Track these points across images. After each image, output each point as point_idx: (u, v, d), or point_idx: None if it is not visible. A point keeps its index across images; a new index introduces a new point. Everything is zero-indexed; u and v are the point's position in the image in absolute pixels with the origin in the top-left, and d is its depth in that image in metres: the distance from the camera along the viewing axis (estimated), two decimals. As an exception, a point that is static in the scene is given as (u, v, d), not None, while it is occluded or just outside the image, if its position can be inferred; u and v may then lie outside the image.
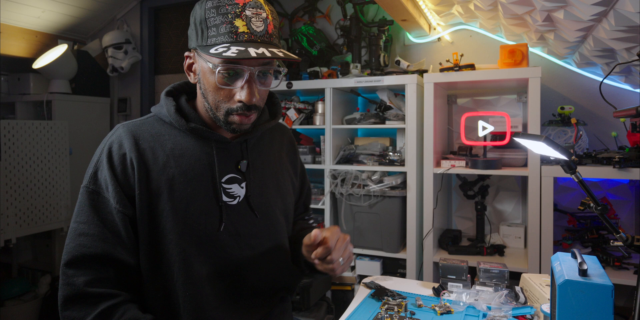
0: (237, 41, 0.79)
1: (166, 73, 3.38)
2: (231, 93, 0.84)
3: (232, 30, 0.79)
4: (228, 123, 0.87)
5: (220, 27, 0.80)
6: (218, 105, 0.86)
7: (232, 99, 0.85)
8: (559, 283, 0.74)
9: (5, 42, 2.96)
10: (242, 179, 0.95)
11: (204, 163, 0.90)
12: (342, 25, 2.54)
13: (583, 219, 1.97)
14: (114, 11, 3.34)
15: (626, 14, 1.30)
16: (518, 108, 2.28)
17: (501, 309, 1.04)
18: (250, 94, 0.83)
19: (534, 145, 1.00)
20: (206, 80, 0.85)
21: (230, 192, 0.93)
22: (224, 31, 0.79)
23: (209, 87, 0.85)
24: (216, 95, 0.85)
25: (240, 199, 0.94)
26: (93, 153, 0.93)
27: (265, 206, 0.98)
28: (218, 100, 0.86)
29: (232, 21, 0.79)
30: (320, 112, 2.33)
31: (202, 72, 0.86)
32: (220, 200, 0.90)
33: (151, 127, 0.91)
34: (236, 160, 0.95)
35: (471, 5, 2.00)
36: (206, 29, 0.81)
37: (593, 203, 0.91)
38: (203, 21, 0.82)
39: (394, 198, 2.09)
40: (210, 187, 0.90)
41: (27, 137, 2.43)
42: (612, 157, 1.70)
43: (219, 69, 0.81)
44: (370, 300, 1.16)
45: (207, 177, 0.90)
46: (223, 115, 0.87)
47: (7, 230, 2.29)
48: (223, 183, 0.92)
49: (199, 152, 0.91)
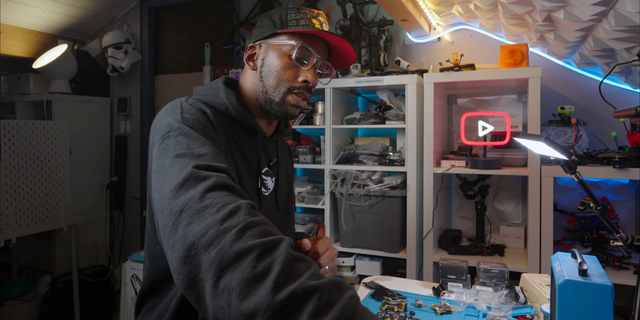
0: (318, 30, 0.93)
1: (166, 73, 3.38)
2: (297, 74, 0.93)
3: (310, 24, 0.93)
4: (283, 104, 0.93)
5: (300, 20, 0.93)
6: (279, 84, 0.93)
7: (296, 79, 0.93)
8: (559, 283, 0.74)
9: (5, 42, 2.96)
10: (272, 173, 1.02)
11: (251, 153, 0.96)
12: (342, 25, 2.54)
13: (583, 219, 1.97)
14: (114, 11, 3.34)
15: (626, 14, 1.30)
16: (518, 108, 2.28)
17: (501, 309, 1.04)
18: (315, 76, 0.94)
19: (534, 145, 1.00)
20: (275, 62, 0.93)
21: (265, 183, 1.00)
22: (303, 24, 0.93)
23: (277, 67, 0.93)
24: (282, 74, 0.93)
25: (270, 192, 1.01)
26: (93, 153, 0.92)
27: (285, 202, 1.07)
28: (282, 79, 0.93)
29: (310, 19, 0.94)
30: (320, 112, 2.33)
31: (271, 56, 0.94)
32: (259, 189, 0.97)
33: (206, 109, 0.88)
34: (269, 157, 1.02)
35: (471, 5, 2.00)
36: (286, 21, 0.93)
37: (593, 203, 0.91)
38: (283, 16, 0.94)
39: (394, 198, 2.09)
40: (254, 176, 0.96)
41: (27, 137, 2.43)
42: (612, 157, 1.70)
43: (299, 46, 0.91)
44: (370, 300, 1.16)
45: (253, 166, 0.96)
46: (282, 94, 0.93)
47: (7, 230, 2.29)
48: (262, 174, 0.99)
49: (247, 143, 0.96)
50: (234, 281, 0.52)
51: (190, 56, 3.27)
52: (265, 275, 0.51)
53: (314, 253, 0.83)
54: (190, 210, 0.60)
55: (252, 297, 0.50)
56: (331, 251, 0.88)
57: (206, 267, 0.54)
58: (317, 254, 0.83)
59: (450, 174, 2.31)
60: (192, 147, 0.72)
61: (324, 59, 0.96)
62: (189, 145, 0.72)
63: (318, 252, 0.83)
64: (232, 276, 0.52)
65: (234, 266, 0.53)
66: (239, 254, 0.54)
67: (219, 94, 0.94)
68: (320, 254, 0.84)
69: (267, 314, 0.48)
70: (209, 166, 0.68)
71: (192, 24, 3.26)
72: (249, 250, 0.54)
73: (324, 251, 0.85)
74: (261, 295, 0.49)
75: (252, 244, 0.54)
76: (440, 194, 2.09)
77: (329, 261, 0.86)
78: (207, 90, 0.96)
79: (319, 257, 0.83)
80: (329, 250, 0.88)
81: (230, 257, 0.54)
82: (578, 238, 1.96)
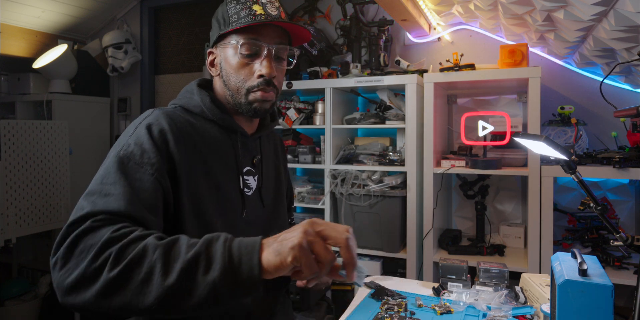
0: (256, 20, 0.89)
1: (166, 73, 3.38)
2: (251, 71, 0.92)
3: (250, 13, 0.90)
4: (249, 103, 0.93)
5: (240, 12, 0.90)
6: (239, 86, 0.93)
7: (252, 76, 0.92)
8: (559, 283, 0.74)
9: (5, 42, 2.96)
10: (255, 172, 1.02)
11: (229, 154, 0.96)
12: (342, 25, 2.54)
13: (583, 219, 1.97)
14: (114, 11, 3.34)
15: (626, 14, 1.30)
16: (518, 108, 2.28)
17: (501, 308, 1.04)
18: (269, 67, 0.91)
19: (534, 145, 1.00)
20: (228, 64, 0.93)
21: (247, 183, 0.99)
22: (244, 15, 0.90)
23: (231, 69, 0.93)
24: (238, 75, 0.92)
25: (253, 191, 1.01)
26: (93, 153, 0.93)
27: (271, 199, 1.06)
28: (239, 81, 0.92)
29: (250, 6, 0.90)
30: (320, 112, 2.33)
31: (225, 59, 0.94)
32: (242, 189, 0.97)
33: (182, 115, 0.92)
34: (252, 155, 1.02)
35: (471, 5, 2.00)
36: (227, 17, 0.91)
37: (593, 203, 0.91)
38: (224, 12, 0.92)
39: (394, 198, 2.09)
40: (235, 176, 0.96)
41: (27, 137, 2.43)
42: (612, 157, 1.70)
43: (241, 43, 0.90)
44: (370, 300, 1.16)
45: (233, 167, 0.96)
46: (244, 95, 0.93)
47: (7, 230, 2.29)
48: (244, 174, 0.98)
49: (225, 144, 0.95)
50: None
51: (190, 56, 3.27)
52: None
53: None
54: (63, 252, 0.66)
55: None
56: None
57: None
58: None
59: (450, 174, 2.31)
60: (105, 182, 0.75)
61: (278, 42, 0.93)
62: (104, 179, 0.76)
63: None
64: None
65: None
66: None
67: (193, 96, 0.95)
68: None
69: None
70: (102, 212, 0.70)
71: (192, 24, 3.26)
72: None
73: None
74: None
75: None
76: (440, 194, 2.09)
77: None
78: (183, 93, 0.99)
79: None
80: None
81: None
82: (578, 238, 1.96)
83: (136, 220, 0.73)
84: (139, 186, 0.76)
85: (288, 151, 2.39)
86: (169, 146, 0.83)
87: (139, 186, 0.76)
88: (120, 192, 0.73)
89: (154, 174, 0.78)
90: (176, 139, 0.85)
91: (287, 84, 2.31)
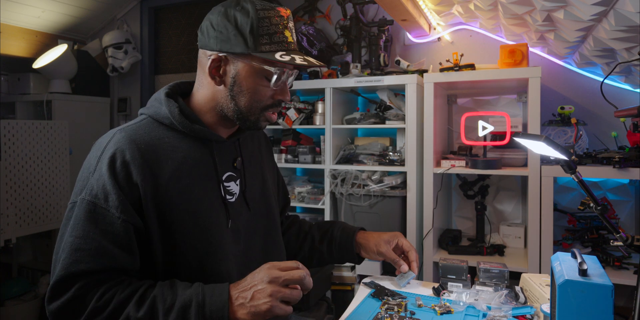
0: (287, 49, 0.88)
1: (166, 73, 3.38)
2: (271, 93, 0.92)
3: (283, 39, 0.88)
4: (258, 121, 0.93)
5: (274, 36, 0.87)
6: (253, 106, 0.91)
7: (270, 97, 0.92)
8: (559, 283, 0.74)
9: (5, 42, 2.96)
10: (236, 176, 0.99)
11: (205, 163, 0.92)
12: (342, 25, 2.54)
13: (583, 219, 1.97)
14: (114, 11, 3.34)
15: (626, 14, 1.30)
16: (518, 108, 2.28)
17: (501, 308, 1.04)
18: (287, 91, 0.94)
19: (534, 145, 1.00)
20: (246, 83, 0.89)
21: (229, 189, 0.97)
22: (277, 40, 0.87)
23: (249, 89, 0.90)
24: (256, 95, 0.90)
25: (237, 196, 0.98)
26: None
27: (258, 201, 1.03)
28: (255, 100, 0.91)
29: (283, 31, 0.88)
30: (320, 112, 2.33)
31: (243, 76, 0.89)
32: (224, 198, 0.94)
33: (149, 130, 0.89)
34: (232, 158, 0.99)
35: (471, 5, 2.00)
36: (258, 36, 0.85)
37: (593, 203, 0.91)
38: (254, 28, 0.85)
39: (394, 198, 2.09)
40: (214, 186, 0.93)
41: (27, 137, 2.43)
42: (612, 157, 1.70)
43: (278, 73, 0.89)
44: (370, 300, 1.16)
45: (211, 176, 0.93)
46: (257, 112, 0.92)
47: (7, 230, 2.29)
48: (223, 181, 0.95)
49: (200, 153, 0.92)
50: None
51: (190, 56, 3.27)
52: None
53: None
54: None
55: None
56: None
57: None
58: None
59: (450, 174, 2.31)
60: (75, 235, 0.80)
61: (294, 67, 0.93)
62: (73, 230, 0.80)
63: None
64: None
65: None
66: None
67: (161, 107, 0.91)
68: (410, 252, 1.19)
69: None
70: (77, 277, 0.79)
71: (192, 24, 3.26)
72: None
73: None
74: None
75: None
76: (440, 194, 2.09)
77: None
78: (152, 102, 0.94)
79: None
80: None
81: None
82: (578, 238, 1.96)
83: (115, 269, 0.81)
84: (111, 231, 0.81)
85: (288, 151, 2.39)
86: (131, 178, 0.83)
87: (111, 231, 0.81)
88: (92, 247, 0.79)
89: (120, 217, 0.81)
90: (139, 168, 0.83)
91: (287, 84, 2.31)
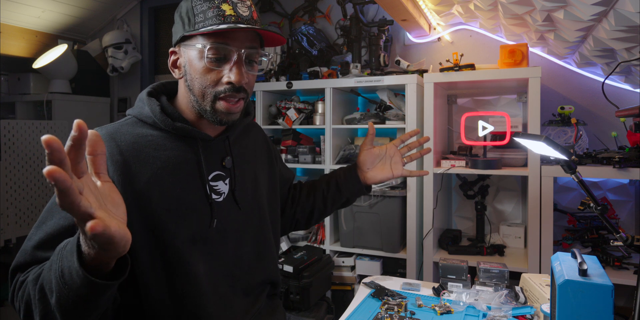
0: (225, 22, 0.82)
1: (166, 73, 3.38)
2: (219, 76, 0.85)
3: (219, 13, 0.82)
4: (215, 112, 0.87)
5: (208, 12, 0.82)
6: (205, 92, 0.86)
7: (219, 82, 0.86)
8: (559, 283, 0.74)
9: (5, 42, 2.96)
10: (226, 175, 0.96)
11: (190, 162, 0.90)
12: (342, 25, 2.54)
13: (583, 219, 1.97)
14: (114, 11, 3.34)
15: (626, 14, 1.30)
16: (518, 108, 2.28)
17: (501, 308, 1.04)
18: (239, 74, 0.85)
19: (534, 145, 1.00)
20: (193, 67, 0.86)
21: (216, 189, 0.94)
22: (212, 15, 0.82)
23: (196, 74, 0.85)
24: (203, 80, 0.85)
25: (225, 196, 0.95)
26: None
27: (248, 201, 0.99)
28: (205, 86, 0.85)
29: (219, 6, 0.83)
30: (320, 112, 2.33)
31: (189, 61, 0.87)
32: (209, 197, 0.91)
33: (132, 129, 0.88)
34: (221, 157, 0.96)
35: (471, 5, 2.00)
36: (193, 16, 0.84)
37: (593, 203, 0.91)
38: (190, 10, 0.84)
39: (394, 198, 2.09)
40: (199, 185, 0.90)
41: (27, 137, 2.43)
42: (612, 157, 1.70)
43: (208, 47, 0.83)
44: (370, 300, 1.16)
45: (195, 175, 0.90)
46: (210, 102, 0.86)
47: (7, 230, 2.29)
48: (210, 181, 0.93)
49: (184, 152, 0.90)
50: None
51: (190, 56, 3.27)
52: None
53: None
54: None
55: None
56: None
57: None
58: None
59: (450, 174, 2.31)
60: (42, 220, 0.81)
61: (249, 46, 0.86)
62: (42, 217, 0.82)
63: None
64: None
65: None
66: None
67: (144, 106, 0.91)
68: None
69: None
70: (28, 263, 0.83)
71: (192, 24, 3.26)
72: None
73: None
74: None
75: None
76: (440, 194, 2.09)
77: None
78: (137, 102, 0.94)
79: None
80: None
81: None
82: (578, 238, 1.96)
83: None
84: (67, 224, 0.79)
85: (288, 151, 2.39)
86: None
87: (67, 224, 0.79)
88: (49, 231, 0.79)
89: None
90: (116, 164, 0.82)
91: (287, 84, 2.31)
